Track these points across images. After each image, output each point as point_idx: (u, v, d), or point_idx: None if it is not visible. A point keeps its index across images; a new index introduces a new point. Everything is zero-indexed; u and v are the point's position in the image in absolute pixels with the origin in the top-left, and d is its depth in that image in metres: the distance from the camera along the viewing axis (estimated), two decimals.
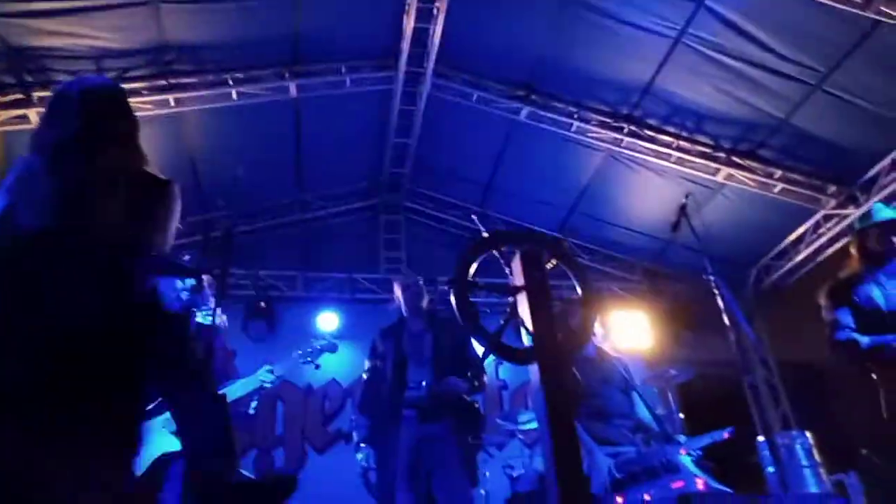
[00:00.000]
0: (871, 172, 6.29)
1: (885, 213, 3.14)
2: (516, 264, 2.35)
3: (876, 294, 2.97)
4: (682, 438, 3.60)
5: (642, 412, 3.80)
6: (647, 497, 3.03)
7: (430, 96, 6.89)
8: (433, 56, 6.36)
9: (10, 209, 1.65)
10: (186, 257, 3.35)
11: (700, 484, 2.91)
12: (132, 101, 2.15)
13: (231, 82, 6.11)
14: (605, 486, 3.13)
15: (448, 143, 7.78)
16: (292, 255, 8.24)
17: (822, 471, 4.33)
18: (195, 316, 3.24)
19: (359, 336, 7.39)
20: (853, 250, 3.22)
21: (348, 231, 8.55)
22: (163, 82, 5.85)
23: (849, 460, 5.15)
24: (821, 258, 7.12)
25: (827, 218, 6.87)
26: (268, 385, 3.11)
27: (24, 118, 5.37)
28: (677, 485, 3.04)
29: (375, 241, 8.69)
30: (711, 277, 2.94)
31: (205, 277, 3.34)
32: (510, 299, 2.31)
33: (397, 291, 4.05)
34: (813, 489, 4.05)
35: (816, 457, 4.37)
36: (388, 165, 8.12)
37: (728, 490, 2.93)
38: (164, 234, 1.84)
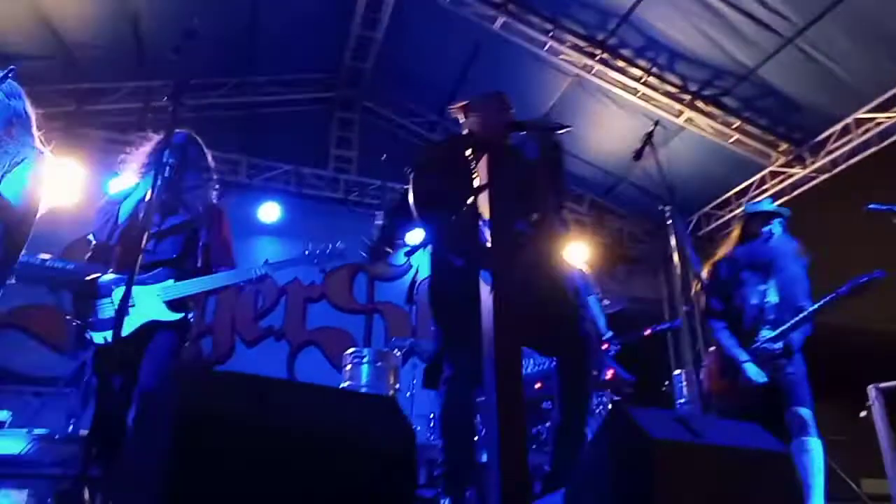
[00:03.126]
0: (822, 136, 6.45)
1: (771, 206, 3.48)
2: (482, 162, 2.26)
3: (734, 281, 3.30)
4: (609, 335, 3.82)
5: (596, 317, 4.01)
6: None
7: None
8: None
9: None
10: None
11: (609, 374, 3.10)
12: None
13: None
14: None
15: (415, 45, 7.42)
16: (238, 138, 7.83)
17: None
18: None
19: (300, 232, 7.25)
20: (736, 232, 3.52)
21: (299, 122, 8.16)
22: None
23: None
24: None
25: (773, 174, 7.07)
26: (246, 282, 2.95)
27: None
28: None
29: (326, 136, 8.36)
30: (668, 208, 2.94)
31: None
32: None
33: None
34: None
35: None
36: (349, 58, 7.71)
37: (632, 377, 3.25)
38: None
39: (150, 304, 2.86)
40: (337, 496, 1.33)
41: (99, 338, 2.89)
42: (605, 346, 3.55)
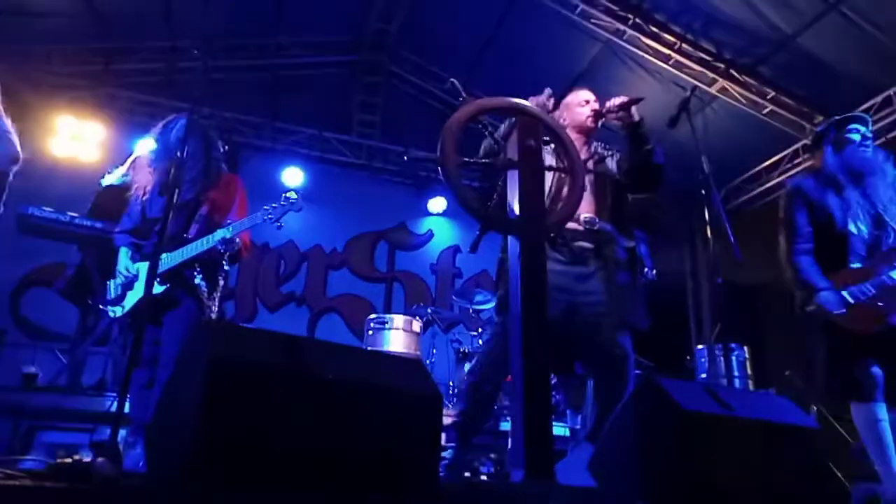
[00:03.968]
0: (862, 108, 6.22)
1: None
2: (511, 137, 2.22)
3: (833, 203, 2.90)
4: None
5: None
6: None
7: None
8: None
9: None
10: None
11: None
12: None
13: None
14: None
15: (442, 7, 7.25)
16: (261, 101, 7.81)
17: (749, 383, 4.60)
18: None
19: (323, 198, 7.26)
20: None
21: (323, 85, 8.09)
22: None
23: (770, 379, 5.50)
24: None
25: (806, 148, 6.85)
26: (221, 247, 2.97)
27: None
28: None
29: (350, 100, 8.29)
30: (703, 177, 2.85)
31: None
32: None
33: None
34: None
35: (748, 369, 4.61)
36: (374, 20, 7.57)
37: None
38: None
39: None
40: (366, 446, 1.33)
41: (113, 311, 2.97)
42: None
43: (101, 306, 3.22)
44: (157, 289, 2.88)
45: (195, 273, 2.97)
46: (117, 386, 3.10)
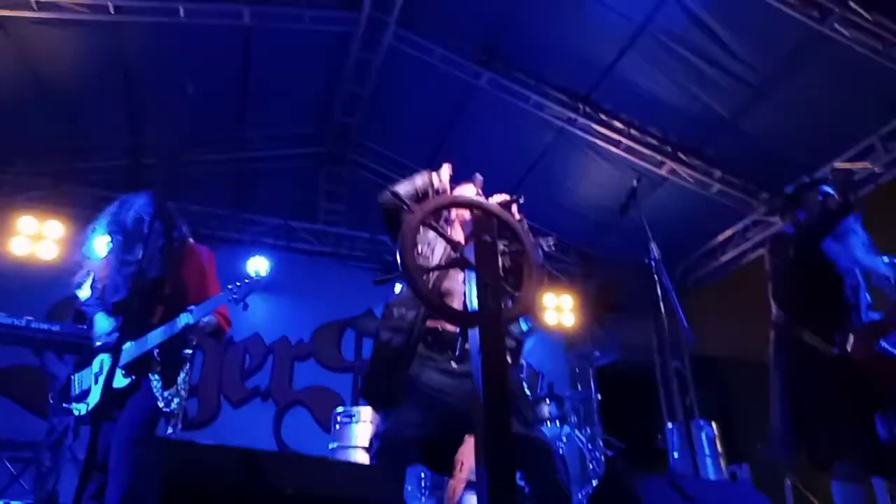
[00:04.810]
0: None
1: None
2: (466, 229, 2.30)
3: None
4: None
5: None
6: None
7: (391, 47, 6.66)
8: (398, 4, 6.14)
9: None
10: None
11: None
12: None
13: None
14: None
15: (403, 99, 7.57)
16: (226, 193, 7.89)
17: (721, 461, 4.58)
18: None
19: (289, 288, 7.22)
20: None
21: (288, 176, 8.25)
22: None
23: (742, 453, 5.48)
24: (744, 262, 7.43)
25: (756, 223, 7.17)
26: (189, 331, 2.92)
27: None
28: None
29: (315, 190, 8.43)
30: (654, 260, 2.96)
31: None
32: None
33: None
34: (712, 477, 4.27)
35: (718, 447, 4.60)
36: (338, 113, 7.84)
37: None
38: None
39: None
40: None
41: (77, 408, 2.85)
42: None
43: (64, 405, 3.01)
44: (121, 382, 2.78)
45: (155, 359, 2.88)
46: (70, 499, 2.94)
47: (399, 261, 1.88)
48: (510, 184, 7.86)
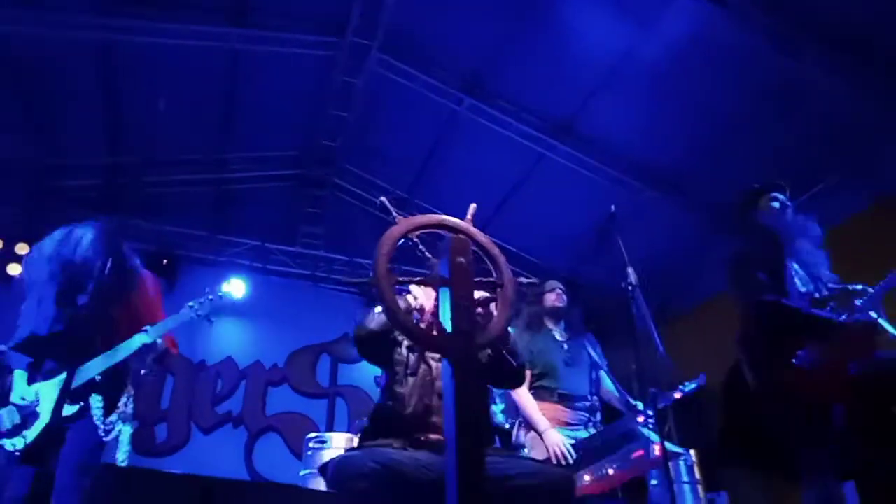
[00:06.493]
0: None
1: None
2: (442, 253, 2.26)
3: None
4: (639, 405, 3.65)
5: (607, 391, 3.87)
6: (610, 471, 3.04)
7: (374, 72, 6.69)
8: (381, 31, 6.19)
9: None
10: None
11: (657, 450, 2.91)
12: None
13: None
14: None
15: (385, 124, 7.59)
16: (204, 214, 7.80)
17: (700, 488, 4.53)
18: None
19: (264, 311, 7.11)
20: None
21: (267, 198, 8.18)
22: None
23: (720, 481, 5.44)
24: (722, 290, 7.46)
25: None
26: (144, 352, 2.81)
27: None
28: (637, 454, 3.05)
29: (295, 213, 8.36)
30: (630, 287, 2.95)
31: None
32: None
33: None
34: None
35: (697, 474, 4.56)
36: (320, 137, 7.82)
37: (682, 451, 2.94)
38: None
39: (54, 400, 2.70)
40: None
41: (8, 445, 2.71)
42: (640, 419, 3.34)
43: None
44: (70, 409, 2.67)
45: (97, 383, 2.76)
46: None
47: (372, 269, 1.84)
48: (489, 209, 7.89)
